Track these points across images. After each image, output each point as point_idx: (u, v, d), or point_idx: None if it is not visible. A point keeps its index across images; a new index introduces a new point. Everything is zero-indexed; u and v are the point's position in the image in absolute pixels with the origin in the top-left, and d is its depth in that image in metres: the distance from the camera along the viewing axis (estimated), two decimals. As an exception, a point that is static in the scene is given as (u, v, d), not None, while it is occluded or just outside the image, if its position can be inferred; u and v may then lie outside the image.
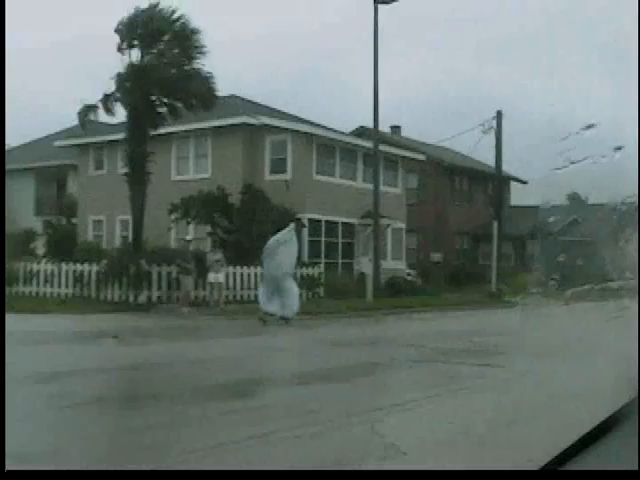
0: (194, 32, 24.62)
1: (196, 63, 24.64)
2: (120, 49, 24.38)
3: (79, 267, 25.25)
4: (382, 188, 29.44)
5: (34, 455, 6.00)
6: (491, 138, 34.39)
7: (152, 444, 6.71)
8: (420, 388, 9.97)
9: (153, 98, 24.66)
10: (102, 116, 25.99)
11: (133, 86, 24.13)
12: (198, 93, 24.28)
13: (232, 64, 48.02)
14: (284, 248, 19.28)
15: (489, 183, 40.97)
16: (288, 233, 19.67)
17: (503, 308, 26.99)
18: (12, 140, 35.36)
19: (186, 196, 27.33)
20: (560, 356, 12.26)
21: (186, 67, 24.48)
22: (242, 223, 27.14)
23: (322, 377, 11.05)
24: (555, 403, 8.06)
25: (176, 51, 24.57)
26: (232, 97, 32.62)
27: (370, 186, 28.63)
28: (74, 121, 27.98)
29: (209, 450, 6.40)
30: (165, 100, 24.85)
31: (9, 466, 1.59)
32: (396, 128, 44.94)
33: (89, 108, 25.14)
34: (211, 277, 23.71)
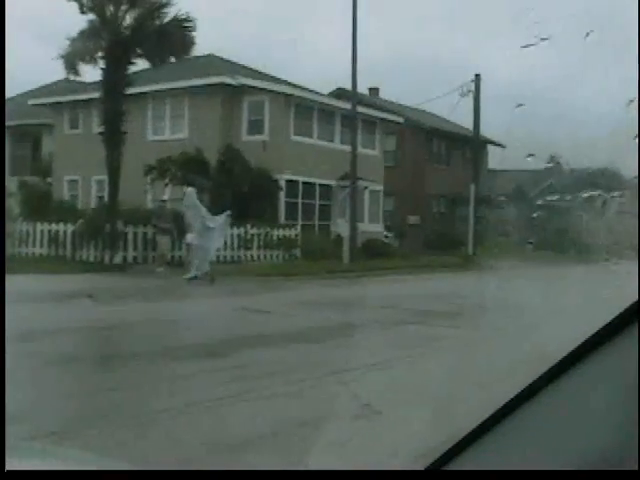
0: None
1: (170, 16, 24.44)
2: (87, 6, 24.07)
3: (54, 227, 25.08)
4: (360, 150, 29.35)
5: (9, 416, 5.98)
6: (469, 101, 34.38)
7: (124, 403, 6.71)
8: (395, 349, 10.03)
9: (129, 55, 24.34)
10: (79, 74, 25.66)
11: (108, 43, 23.81)
12: (173, 40, 24.04)
13: (210, 24, 47.47)
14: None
15: (467, 146, 40.95)
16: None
17: (479, 271, 27.18)
18: (-15, 98, 34.89)
19: (163, 156, 27.11)
20: (536, 317, 12.35)
21: (160, 20, 24.25)
22: (218, 184, 27.00)
23: (298, 337, 11.09)
24: (530, 363, 8.12)
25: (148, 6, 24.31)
26: (210, 57, 32.27)
27: (348, 148, 28.51)
28: (49, 79, 27.58)
29: (182, 409, 6.41)
30: (139, 52, 24.53)
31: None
32: (374, 90, 44.68)
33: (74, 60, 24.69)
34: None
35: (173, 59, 24.79)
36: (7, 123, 37.69)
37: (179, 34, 24.11)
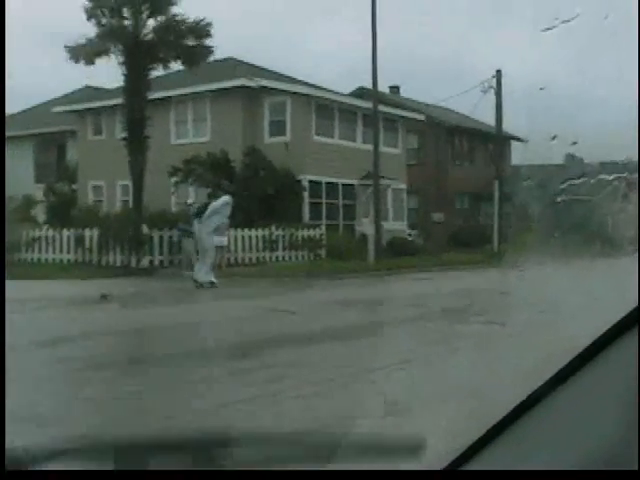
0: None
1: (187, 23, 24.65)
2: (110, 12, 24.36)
3: (80, 232, 25.25)
4: (382, 149, 29.31)
5: (41, 418, 6.06)
6: (491, 97, 34.23)
7: (157, 406, 6.76)
8: (422, 347, 10.02)
9: (148, 60, 24.54)
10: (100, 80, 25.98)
11: (128, 48, 24.02)
12: (190, 46, 24.31)
13: (228, 27, 47.57)
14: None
15: (490, 143, 40.79)
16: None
17: (505, 267, 27.05)
18: (10, 107, 35.24)
19: (186, 160, 27.27)
20: (563, 313, 12.28)
21: (177, 26, 24.47)
22: (242, 186, 27.10)
23: (325, 337, 11.11)
24: (556, 359, 8.08)
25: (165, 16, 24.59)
26: (230, 59, 32.37)
27: (370, 147, 28.50)
28: (72, 87, 27.84)
29: (214, 410, 6.46)
30: (160, 59, 24.75)
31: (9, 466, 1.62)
32: (395, 88, 44.61)
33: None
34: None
35: (193, 64, 24.94)
36: (31, 131, 38.22)
37: (197, 39, 24.34)
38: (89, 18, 24.41)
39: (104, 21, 24.40)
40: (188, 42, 24.35)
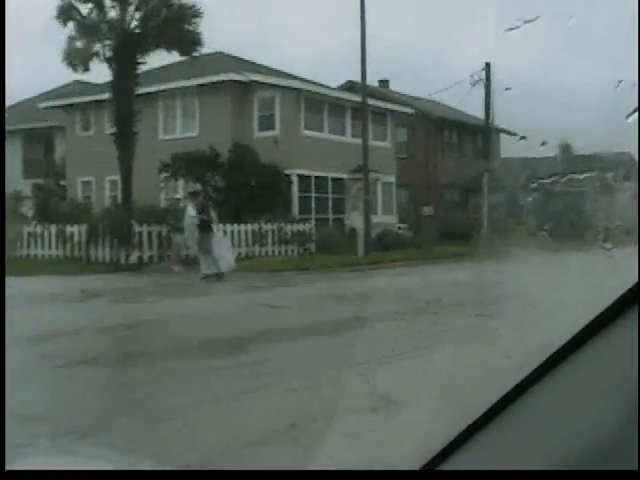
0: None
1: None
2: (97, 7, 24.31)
3: (69, 229, 25.16)
4: (371, 142, 29.32)
5: (32, 414, 6.05)
6: (480, 90, 34.25)
7: (146, 400, 6.75)
8: (412, 340, 10.02)
9: (136, 55, 24.46)
10: (88, 75, 25.90)
11: (116, 43, 23.94)
12: (181, 37, 24.27)
13: (216, 21, 47.46)
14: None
15: (479, 135, 40.82)
16: None
17: (494, 259, 27.08)
18: (-3, 102, 35.04)
19: (175, 155, 27.21)
20: (551, 306, 12.31)
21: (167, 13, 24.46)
22: (231, 181, 27.07)
23: (314, 331, 11.11)
24: (548, 351, 8.08)
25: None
26: (219, 54, 32.29)
27: (359, 141, 28.49)
28: (60, 81, 27.74)
29: (203, 404, 6.45)
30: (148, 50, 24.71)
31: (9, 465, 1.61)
32: (384, 82, 44.57)
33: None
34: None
35: (182, 56, 24.93)
36: (19, 127, 38.01)
37: (187, 27, 24.32)
38: (75, 14, 24.33)
39: (91, 16, 24.32)
40: (176, 31, 24.23)
